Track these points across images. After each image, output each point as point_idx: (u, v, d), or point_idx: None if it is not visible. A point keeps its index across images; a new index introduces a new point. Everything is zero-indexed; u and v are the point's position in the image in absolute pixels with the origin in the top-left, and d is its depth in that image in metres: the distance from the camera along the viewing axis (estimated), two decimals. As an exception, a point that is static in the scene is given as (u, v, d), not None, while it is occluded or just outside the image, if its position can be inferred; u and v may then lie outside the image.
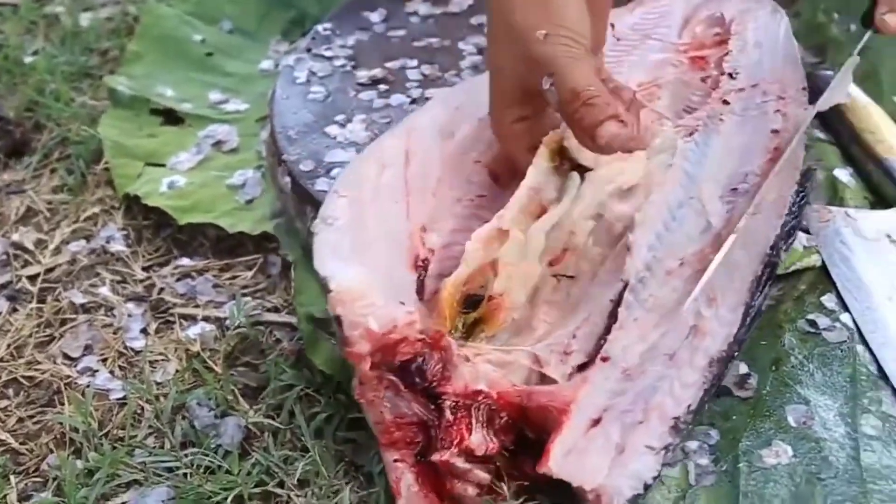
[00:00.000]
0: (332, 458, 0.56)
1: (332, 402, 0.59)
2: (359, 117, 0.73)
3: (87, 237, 0.74)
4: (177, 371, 0.63)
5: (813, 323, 0.61)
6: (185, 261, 0.71)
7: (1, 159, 0.80)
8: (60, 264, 0.72)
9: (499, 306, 0.55)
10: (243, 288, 0.69)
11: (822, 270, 0.64)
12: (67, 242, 0.73)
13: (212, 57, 0.86)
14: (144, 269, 0.71)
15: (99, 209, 0.76)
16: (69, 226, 0.75)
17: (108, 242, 0.73)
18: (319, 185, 0.67)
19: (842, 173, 0.71)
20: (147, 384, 0.62)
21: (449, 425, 0.51)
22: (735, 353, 0.55)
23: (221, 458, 0.57)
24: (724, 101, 0.65)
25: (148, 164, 0.77)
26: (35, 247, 0.73)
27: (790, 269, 0.64)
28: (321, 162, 0.69)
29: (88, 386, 0.62)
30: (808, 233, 0.66)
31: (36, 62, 0.87)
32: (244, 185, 0.74)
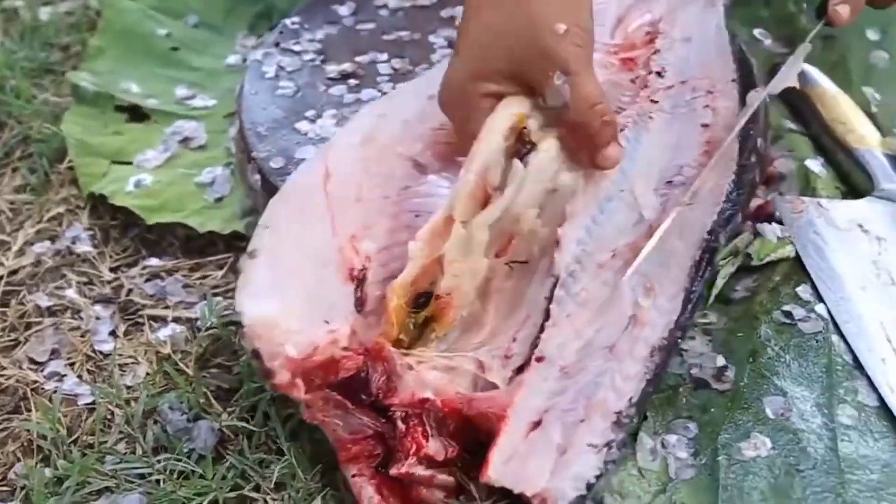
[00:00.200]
0: (308, 461, 0.55)
1: (308, 402, 0.58)
2: (329, 112, 0.72)
3: (51, 238, 0.72)
4: (147, 374, 0.62)
5: (788, 314, 0.61)
6: (153, 261, 0.70)
7: (-40, 159, 0.78)
8: (24, 266, 0.70)
9: (448, 305, 0.55)
10: (214, 288, 0.67)
11: (797, 261, 0.64)
12: (31, 244, 0.71)
13: (177, 52, 0.85)
14: (112, 269, 0.70)
15: (63, 209, 0.74)
16: (33, 226, 0.73)
17: (74, 243, 0.71)
18: (290, 182, 0.66)
19: (813, 163, 0.71)
20: (117, 388, 0.60)
21: (403, 436, 0.51)
22: (678, 340, 0.55)
23: (195, 462, 0.56)
24: (653, 101, 0.65)
25: (114, 162, 0.76)
26: (-3, 249, 0.71)
27: (765, 260, 0.64)
28: (291, 158, 0.68)
29: (56, 391, 0.61)
30: (781, 224, 0.66)
31: (-6, 58, 0.85)
32: (213, 183, 0.73)
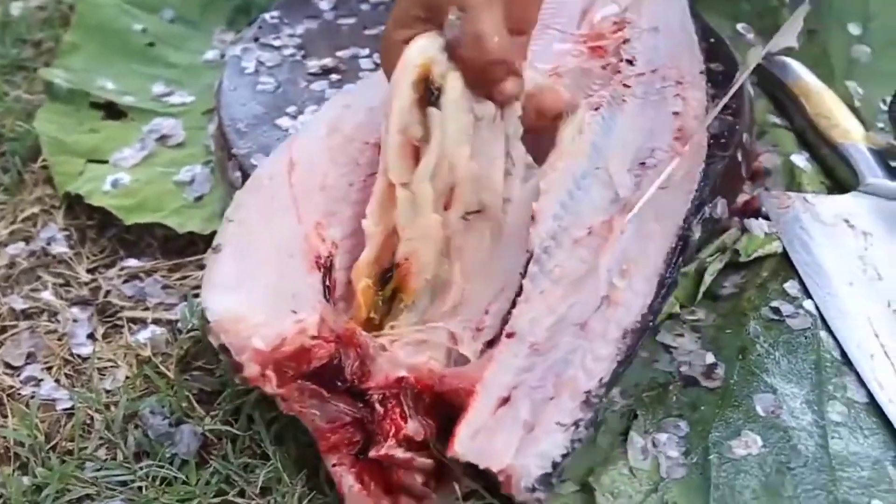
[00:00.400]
0: (293, 465, 0.54)
1: (293, 405, 0.57)
2: (311, 108, 0.71)
3: (26, 239, 0.70)
4: (127, 378, 0.60)
5: (777, 310, 0.60)
6: (132, 261, 0.68)
7: (-70, 158, 0.76)
8: (-2, 268, 0.68)
9: (408, 271, 0.55)
10: (194, 289, 0.66)
11: (784, 257, 0.64)
12: (5, 245, 0.69)
13: (154, 47, 0.83)
14: (89, 271, 0.68)
15: (38, 209, 0.72)
16: (6, 227, 0.71)
17: (49, 244, 0.70)
18: (272, 179, 0.65)
19: (798, 158, 0.71)
20: (96, 393, 0.59)
21: (381, 418, 0.51)
22: (650, 324, 0.54)
23: (178, 468, 0.54)
24: (625, 85, 0.66)
25: (89, 160, 0.74)
26: (-30, 250, 0.69)
27: (752, 256, 0.64)
28: (273, 156, 0.67)
29: (33, 396, 0.59)
30: (768, 219, 0.66)
31: (-36, 54, 0.84)
32: (192, 182, 0.71)
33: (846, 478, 0.52)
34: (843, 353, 0.58)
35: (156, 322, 0.64)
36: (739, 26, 0.83)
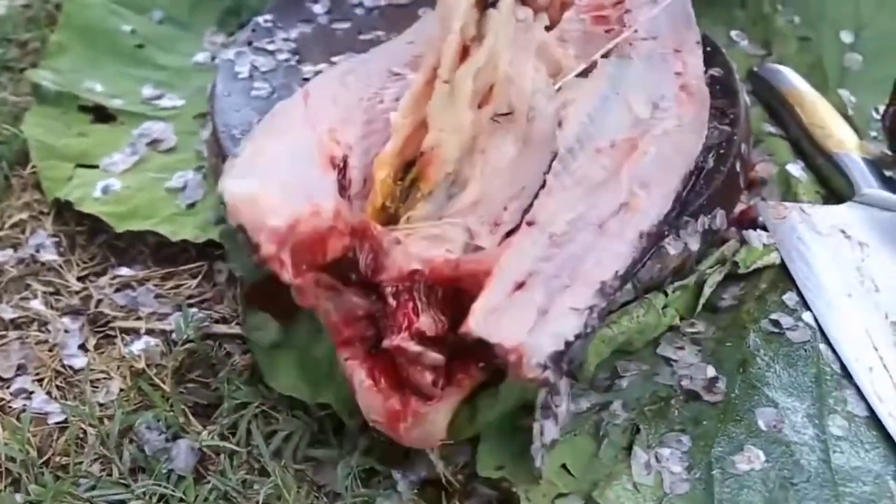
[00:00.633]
0: (293, 480, 0.54)
1: (291, 419, 0.56)
2: (306, 115, 0.70)
3: (14, 246, 0.69)
4: (121, 390, 0.59)
5: (776, 323, 0.60)
6: (123, 270, 0.67)
7: (-87, 162, 0.74)
8: (-15, 276, 0.67)
9: (431, 161, 0.55)
10: (188, 298, 0.65)
11: (782, 268, 0.64)
12: (-7, 252, 0.68)
13: (143, 49, 0.81)
14: (80, 279, 0.67)
15: (27, 215, 0.71)
16: (-7, 234, 0.70)
17: (38, 251, 0.68)
18: (268, 187, 0.64)
19: (794, 168, 0.71)
20: (89, 406, 0.58)
21: (393, 311, 0.51)
22: (665, 233, 0.56)
23: (174, 484, 0.53)
24: (630, 43, 0.67)
25: (79, 165, 0.72)
26: (-44, 258, 0.68)
27: (751, 268, 0.63)
28: (269, 163, 0.66)
29: (24, 410, 0.58)
30: (766, 230, 0.66)
31: (-53, 54, 0.82)
32: (185, 188, 0.70)
33: (848, 493, 0.52)
34: (843, 367, 0.58)
35: (149, 332, 0.63)
36: (733, 33, 0.83)
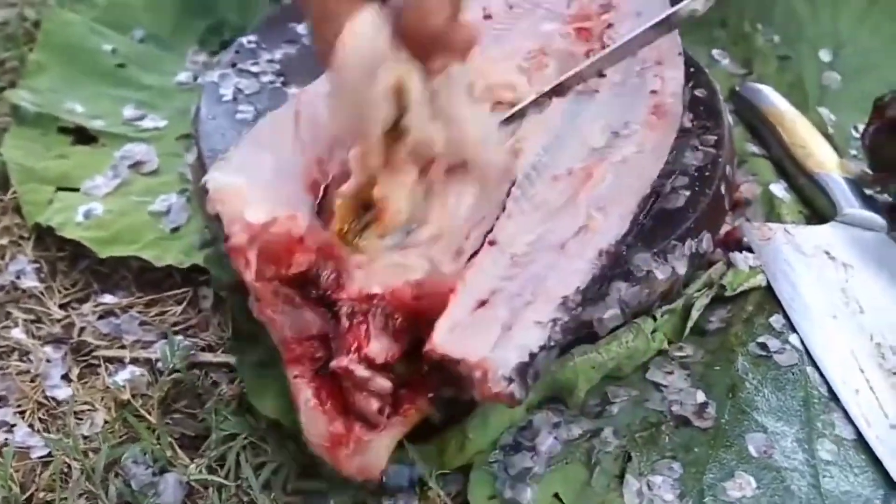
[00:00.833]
0: (283, 513, 0.53)
1: (280, 450, 0.56)
2: (291, 138, 0.69)
3: (-7, 272, 0.68)
4: (106, 422, 0.58)
5: (763, 346, 0.61)
6: (106, 297, 0.66)
7: None
8: (-36, 304, 0.65)
9: (385, 209, 0.56)
10: (173, 325, 0.64)
11: (768, 290, 0.64)
12: (-29, 279, 0.67)
13: (124, 68, 0.80)
14: (62, 306, 0.66)
15: (6, 240, 0.70)
16: (-28, 260, 0.68)
17: (19, 278, 0.67)
18: (254, 213, 0.63)
19: (777, 188, 0.72)
20: (73, 439, 0.57)
21: (345, 332, 0.51)
22: (624, 252, 0.57)
23: (162, 519, 0.53)
24: (601, 74, 0.67)
25: (60, 188, 0.71)
26: (-67, 285, 0.66)
27: (737, 290, 0.64)
28: (254, 187, 0.65)
29: (6, 444, 0.57)
30: (751, 251, 0.66)
31: (-78, 74, 0.80)
32: (168, 212, 0.69)
33: (839, 518, 0.53)
34: (830, 389, 0.59)
35: (134, 361, 0.62)
36: (714, 52, 0.83)
